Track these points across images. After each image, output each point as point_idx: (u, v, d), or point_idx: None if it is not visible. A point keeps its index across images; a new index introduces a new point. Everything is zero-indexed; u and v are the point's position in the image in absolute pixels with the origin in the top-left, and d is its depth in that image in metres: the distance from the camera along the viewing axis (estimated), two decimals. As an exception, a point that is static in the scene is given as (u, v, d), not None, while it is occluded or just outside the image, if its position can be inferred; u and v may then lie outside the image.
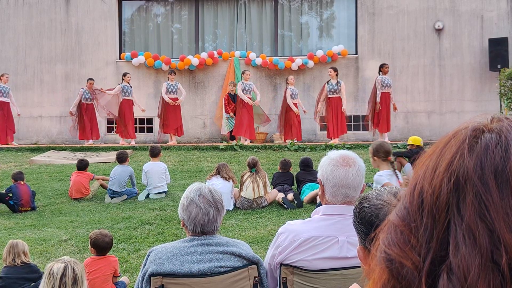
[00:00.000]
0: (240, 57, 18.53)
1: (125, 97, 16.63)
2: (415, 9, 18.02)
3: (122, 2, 19.35)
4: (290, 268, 3.06)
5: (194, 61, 18.24)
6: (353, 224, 2.11)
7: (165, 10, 19.58)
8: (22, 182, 10.76)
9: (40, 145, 16.76)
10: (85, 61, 18.88)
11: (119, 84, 16.76)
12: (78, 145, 16.35)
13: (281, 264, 3.10)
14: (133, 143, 16.70)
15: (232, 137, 16.73)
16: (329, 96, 15.96)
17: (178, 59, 18.42)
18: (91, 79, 17.16)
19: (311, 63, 18.15)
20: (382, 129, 16.04)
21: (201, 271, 3.10)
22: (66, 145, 16.57)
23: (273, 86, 18.24)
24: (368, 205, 2.06)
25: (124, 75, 16.76)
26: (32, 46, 19.13)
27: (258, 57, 18.33)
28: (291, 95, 16.24)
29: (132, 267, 7.16)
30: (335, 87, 15.88)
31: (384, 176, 6.41)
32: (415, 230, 0.78)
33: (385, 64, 16.27)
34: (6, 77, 16.79)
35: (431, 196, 0.78)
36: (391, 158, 6.48)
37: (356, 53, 18.41)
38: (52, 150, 15.83)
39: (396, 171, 6.60)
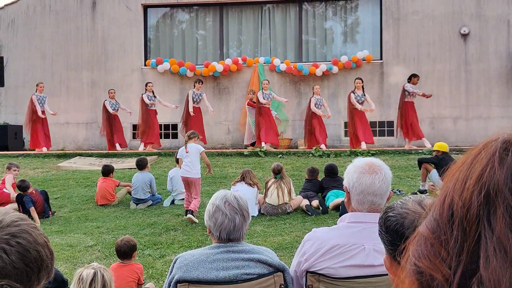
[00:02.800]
0: (264, 63, 18.56)
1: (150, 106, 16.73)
2: (440, 14, 17.90)
3: (148, 9, 19.51)
4: (316, 275, 3.05)
5: (219, 67, 18.31)
6: (379, 234, 2.10)
7: (189, 17, 19.69)
8: (33, 191, 10.75)
9: (66, 151, 16.93)
10: (111, 68, 19.06)
11: (143, 94, 16.84)
12: (104, 151, 16.49)
13: (307, 272, 3.09)
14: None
15: (253, 143, 16.78)
16: (355, 106, 15.86)
17: (203, 66, 18.51)
18: (112, 89, 17.32)
19: (335, 69, 18.12)
20: (409, 136, 15.94)
21: (227, 278, 3.11)
22: (93, 151, 16.72)
23: (298, 92, 18.24)
24: (393, 214, 2.05)
25: (146, 84, 16.86)
26: (59, 54, 19.36)
27: (282, 63, 18.34)
28: (315, 105, 16.18)
29: (157, 273, 7.20)
30: (362, 98, 15.79)
31: None
32: (445, 242, 0.78)
33: (417, 75, 16.06)
34: (41, 87, 16.92)
35: (461, 208, 0.78)
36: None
37: (381, 59, 18.34)
38: (79, 156, 15.98)
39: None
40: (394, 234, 2.01)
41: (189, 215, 9.71)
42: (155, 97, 16.85)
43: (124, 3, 19.16)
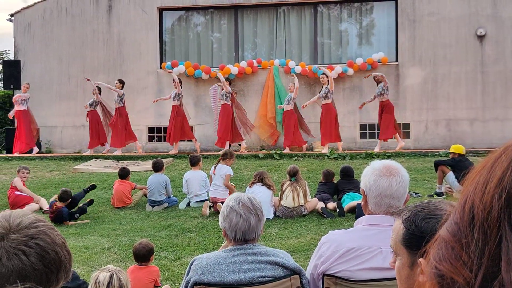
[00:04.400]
0: (279, 65, 18.56)
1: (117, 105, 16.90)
2: (456, 15, 17.81)
3: (163, 12, 19.58)
4: (332, 278, 3.04)
5: (234, 70, 18.33)
6: (407, 235, 1.98)
7: (204, 19, 19.74)
8: (59, 205, 10.67)
9: (83, 154, 17.02)
10: (126, 71, 19.13)
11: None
12: (120, 154, 16.55)
13: (324, 274, 3.09)
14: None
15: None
16: (322, 102, 15.98)
17: (218, 68, 18.53)
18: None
19: (350, 71, 18.07)
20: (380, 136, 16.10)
21: (243, 280, 3.11)
22: (109, 154, 16.80)
23: (313, 94, 18.17)
24: (429, 216, 1.95)
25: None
26: (75, 57, 19.49)
27: (298, 65, 18.32)
28: (286, 101, 16.50)
29: (173, 275, 7.21)
30: (324, 91, 15.78)
31: None
32: (466, 246, 0.78)
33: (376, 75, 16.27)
34: (25, 87, 17.23)
35: (482, 212, 0.78)
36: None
37: (397, 61, 18.27)
38: (95, 159, 16.06)
39: None
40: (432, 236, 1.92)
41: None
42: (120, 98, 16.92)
43: (140, 6, 19.25)
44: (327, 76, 15.84)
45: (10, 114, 17.53)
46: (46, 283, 1.57)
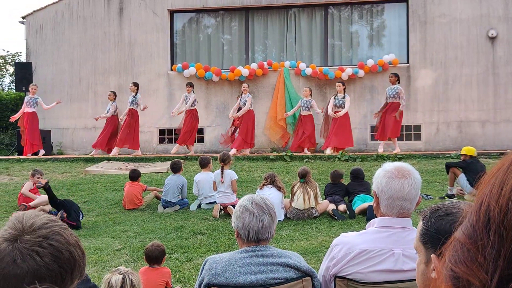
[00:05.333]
0: (290, 67, 18.54)
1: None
2: (467, 17, 17.74)
3: (174, 14, 19.63)
4: (344, 280, 3.04)
5: (244, 71, 18.33)
6: (424, 235, 1.97)
7: (215, 21, 19.76)
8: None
9: (94, 156, 17.06)
10: (137, 73, 19.19)
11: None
12: (131, 156, 16.59)
13: (336, 277, 3.09)
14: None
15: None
16: (336, 110, 16.05)
17: (229, 70, 18.55)
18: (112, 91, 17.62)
19: (361, 73, 18.03)
20: (381, 137, 16.04)
21: (256, 282, 3.11)
22: (120, 156, 16.83)
23: (323, 96, 18.18)
24: (443, 214, 1.98)
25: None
26: (87, 59, 19.57)
27: (308, 67, 18.30)
28: (303, 107, 16.54)
29: (185, 276, 7.22)
30: (341, 102, 15.84)
31: None
32: (482, 248, 0.78)
33: (391, 75, 16.21)
34: (33, 89, 17.31)
35: (498, 214, 0.78)
36: None
37: (408, 62, 18.21)
38: (106, 161, 16.09)
39: None
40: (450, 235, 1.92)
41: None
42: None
43: (151, 9, 19.30)
44: (343, 85, 15.97)
45: (15, 117, 17.56)
46: (61, 283, 1.57)
